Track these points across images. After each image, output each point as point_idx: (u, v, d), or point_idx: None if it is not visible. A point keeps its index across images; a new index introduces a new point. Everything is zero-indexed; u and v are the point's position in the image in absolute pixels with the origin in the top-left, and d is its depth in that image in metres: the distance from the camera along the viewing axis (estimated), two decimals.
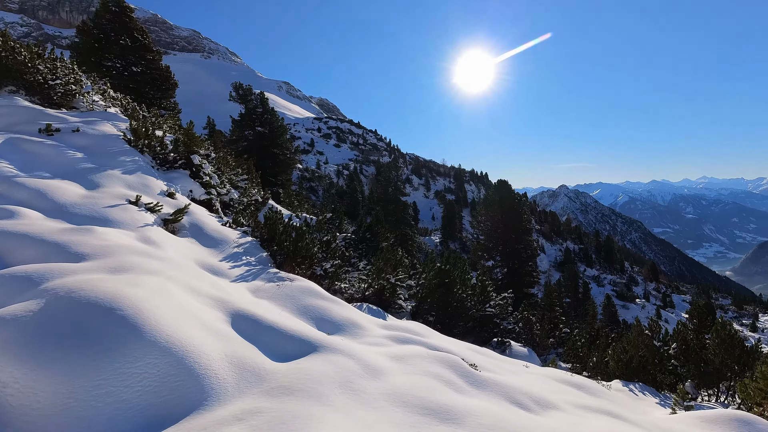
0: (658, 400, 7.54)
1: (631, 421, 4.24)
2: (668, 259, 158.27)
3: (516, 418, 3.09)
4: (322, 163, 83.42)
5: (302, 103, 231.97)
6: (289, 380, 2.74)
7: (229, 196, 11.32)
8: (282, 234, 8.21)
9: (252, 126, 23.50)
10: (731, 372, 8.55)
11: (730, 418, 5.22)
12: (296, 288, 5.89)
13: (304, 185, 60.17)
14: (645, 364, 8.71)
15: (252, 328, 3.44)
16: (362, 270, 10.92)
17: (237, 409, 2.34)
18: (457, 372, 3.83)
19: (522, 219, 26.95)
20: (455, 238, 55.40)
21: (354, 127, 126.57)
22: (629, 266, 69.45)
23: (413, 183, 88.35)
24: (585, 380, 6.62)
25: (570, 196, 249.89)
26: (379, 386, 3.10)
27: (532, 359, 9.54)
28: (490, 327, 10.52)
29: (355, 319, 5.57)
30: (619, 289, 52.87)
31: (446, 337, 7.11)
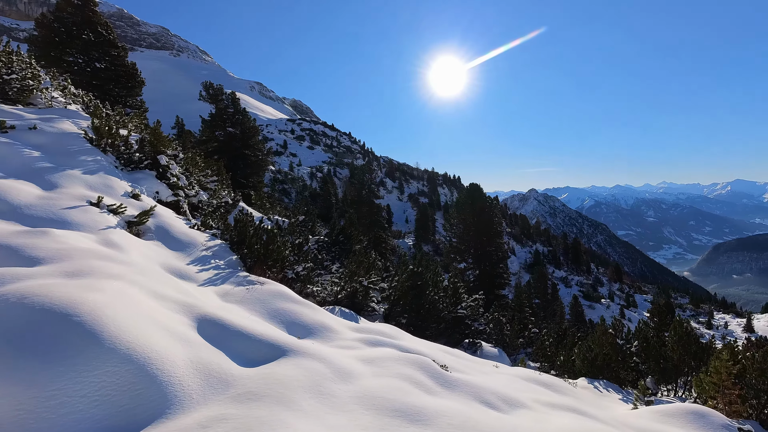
0: (621, 396, 7.82)
1: (594, 417, 4.38)
2: (631, 261, 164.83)
3: (485, 418, 3.14)
4: (295, 165, 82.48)
5: (275, 104, 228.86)
6: (257, 386, 2.69)
7: (197, 197, 11.02)
8: (253, 237, 8.06)
9: (223, 126, 22.99)
10: (688, 367, 8.98)
11: (687, 412, 5.48)
12: (267, 292, 5.79)
13: (277, 187, 59.33)
14: (609, 362, 9.03)
15: (219, 333, 3.35)
16: (335, 273, 10.85)
17: (202, 416, 2.28)
18: (428, 373, 3.85)
19: (493, 222, 27.46)
20: (428, 240, 55.88)
21: (328, 129, 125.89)
22: (595, 267, 71.90)
23: (387, 186, 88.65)
24: (552, 379, 6.80)
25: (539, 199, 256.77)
26: (349, 390, 3.08)
27: (503, 359, 9.72)
28: (462, 328, 10.65)
29: (327, 323, 5.52)
30: (586, 289, 54.64)
31: (418, 339, 7.15)
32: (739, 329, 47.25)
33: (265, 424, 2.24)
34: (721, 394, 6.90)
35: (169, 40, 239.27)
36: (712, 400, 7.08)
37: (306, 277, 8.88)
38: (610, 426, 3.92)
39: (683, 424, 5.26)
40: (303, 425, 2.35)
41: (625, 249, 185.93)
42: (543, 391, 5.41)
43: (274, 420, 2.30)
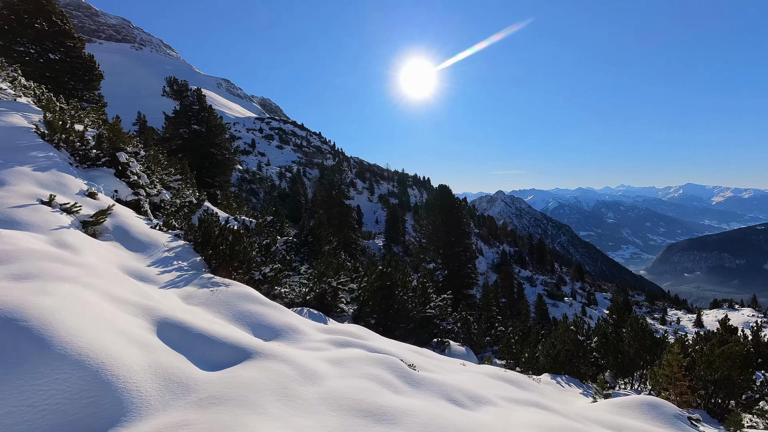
0: (582, 390, 8.12)
1: (556, 411, 4.52)
2: (592, 260, 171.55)
3: (451, 415, 3.18)
4: (263, 165, 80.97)
5: (243, 102, 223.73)
6: (220, 390, 2.62)
7: (160, 197, 10.63)
8: (218, 237, 7.84)
9: (187, 124, 22.29)
10: (643, 361, 9.44)
11: (641, 403, 5.76)
12: (232, 293, 5.65)
13: (244, 187, 58.06)
14: (571, 358, 9.37)
15: (180, 337, 3.24)
16: (304, 274, 10.72)
17: (160, 423, 2.19)
18: (395, 373, 3.87)
19: (462, 223, 27.91)
20: (398, 241, 56.15)
21: (297, 128, 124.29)
22: (559, 267, 74.41)
23: (357, 187, 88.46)
24: (517, 375, 6.97)
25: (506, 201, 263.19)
26: (316, 391, 3.05)
27: (470, 357, 9.89)
28: (431, 328, 10.76)
29: (295, 324, 5.45)
30: (550, 288, 56.46)
31: (387, 339, 7.17)
32: (690, 324, 50.08)
33: (228, 428, 2.18)
34: (673, 385, 7.29)
35: (131, 33, 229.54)
36: (665, 392, 7.47)
37: (273, 278, 8.73)
38: (570, 419, 4.06)
39: (638, 414, 5.52)
40: (268, 428, 2.31)
41: (586, 249, 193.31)
42: (508, 387, 5.54)
43: (237, 424, 2.25)
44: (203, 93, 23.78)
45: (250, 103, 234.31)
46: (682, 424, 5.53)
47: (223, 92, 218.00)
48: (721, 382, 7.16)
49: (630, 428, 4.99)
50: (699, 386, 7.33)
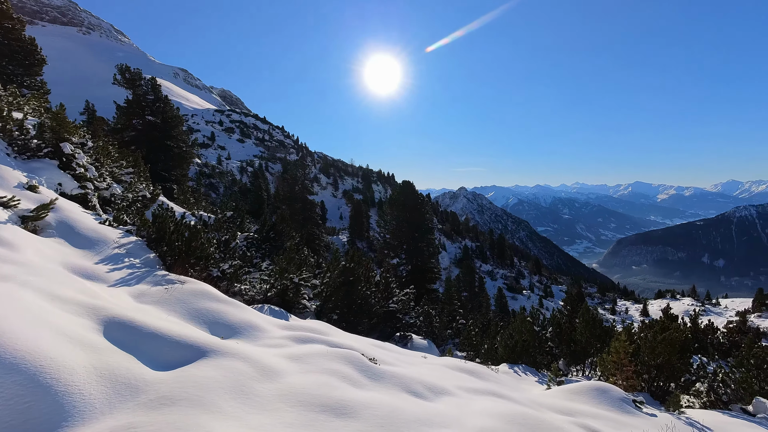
0: (537, 378, 8.47)
1: (512, 399, 4.69)
2: (549, 254, 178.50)
3: (410, 407, 3.23)
4: (223, 159, 78.42)
5: (202, 93, 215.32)
6: (172, 390, 2.52)
7: (110, 191, 10.08)
8: (173, 233, 7.54)
9: (141, 114, 21.22)
10: (594, 349, 9.95)
11: (591, 388, 6.08)
12: (188, 291, 5.46)
13: (203, 182, 56.03)
14: (527, 348, 9.73)
15: (130, 336, 3.10)
16: (265, 270, 10.52)
17: (105, 427, 2.09)
18: (356, 367, 3.87)
19: (425, 218, 28.26)
20: (363, 237, 56.14)
21: (259, 122, 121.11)
22: (518, 261, 76.96)
23: (321, 182, 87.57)
24: (477, 366, 7.17)
25: (468, 197, 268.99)
26: (274, 388, 3.00)
27: (432, 350, 10.07)
28: (394, 322, 10.86)
29: (254, 322, 5.34)
30: (510, 282, 58.36)
31: (350, 334, 7.17)
32: (637, 314, 53.24)
33: (180, 429, 2.11)
34: (620, 371, 7.73)
35: (78, 16, 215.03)
36: (613, 377, 7.91)
37: (233, 275, 8.50)
38: (524, 406, 4.23)
39: (587, 399, 5.82)
40: (222, 427, 2.25)
41: (544, 244, 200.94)
42: (467, 378, 5.68)
43: (189, 424, 2.18)
44: (158, 82, 22.70)
45: (210, 95, 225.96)
46: (628, 406, 5.89)
47: (180, 82, 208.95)
48: (662, 367, 7.67)
49: (580, 412, 5.26)
50: (643, 371, 7.82)
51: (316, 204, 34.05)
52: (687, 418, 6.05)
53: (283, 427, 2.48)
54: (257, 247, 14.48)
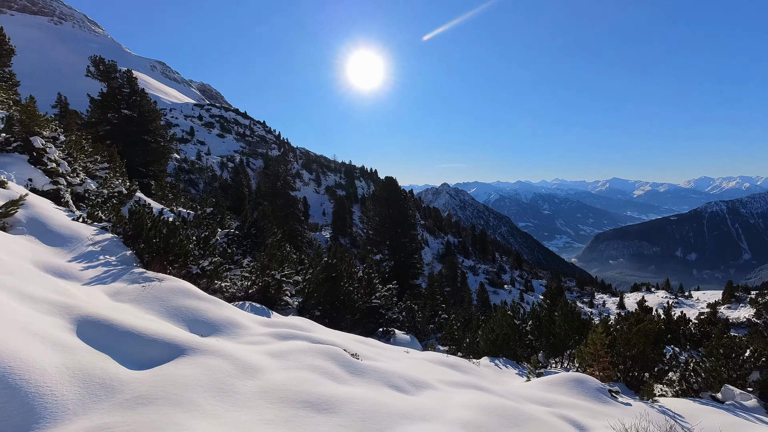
0: (518, 371, 8.62)
1: (492, 391, 4.76)
2: (529, 249, 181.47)
3: (392, 401, 3.25)
4: (203, 154, 76.94)
5: (181, 86, 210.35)
6: (149, 389, 2.47)
7: (84, 186, 9.79)
8: (151, 229, 7.38)
9: (117, 108, 20.61)
10: (572, 341, 10.18)
11: (568, 379, 6.23)
12: (166, 288, 5.36)
13: (182, 177, 54.93)
14: (508, 341, 9.89)
15: (105, 336, 3.02)
16: (246, 267, 10.40)
17: (78, 428, 2.03)
18: (338, 363, 3.87)
19: (407, 214, 28.34)
20: (346, 233, 56.00)
21: (240, 116, 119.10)
22: (499, 256, 77.99)
23: (304, 178, 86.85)
24: (458, 360, 7.25)
25: (451, 193, 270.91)
26: (255, 385, 2.98)
27: (414, 345, 10.13)
28: (376, 317, 10.88)
29: (235, 319, 5.28)
30: (491, 277, 59.10)
31: (332, 330, 7.16)
32: (614, 306, 54.61)
33: (157, 428, 2.07)
34: (597, 362, 7.93)
35: (49, 5, 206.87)
36: (590, 368, 8.11)
37: (213, 272, 8.38)
38: (504, 398, 4.30)
39: (566, 390, 5.96)
40: (200, 426, 2.22)
41: (524, 239, 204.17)
42: (449, 371, 5.75)
43: (167, 423, 2.14)
44: (134, 75, 22.08)
45: (189, 89, 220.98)
46: (604, 396, 6.06)
47: (158, 75, 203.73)
48: (637, 357, 7.89)
49: (559, 403, 5.38)
50: (619, 361, 8.04)
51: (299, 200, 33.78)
52: (660, 406, 6.25)
53: (264, 424, 2.46)
54: (238, 243, 14.29)
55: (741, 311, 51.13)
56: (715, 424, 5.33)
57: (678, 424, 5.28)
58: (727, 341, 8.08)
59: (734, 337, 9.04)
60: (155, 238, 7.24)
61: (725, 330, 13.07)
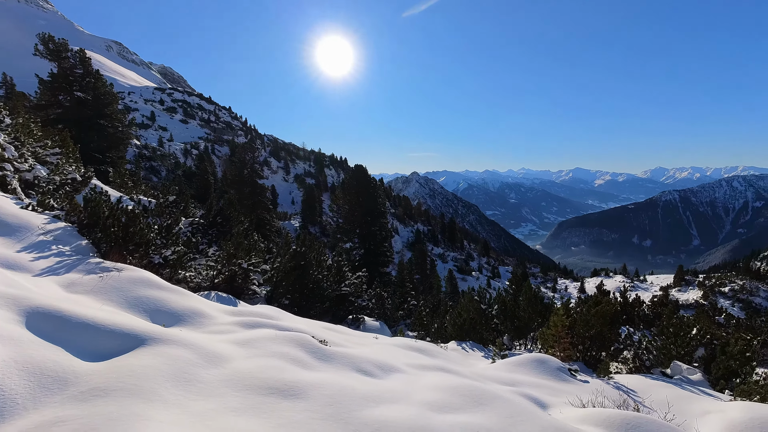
0: (484, 353, 8.88)
1: (458, 373, 4.89)
2: (497, 237, 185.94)
3: (360, 385, 3.28)
4: (165, 141, 73.85)
5: (140, 69, 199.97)
6: (106, 380, 2.38)
7: (33, 173, 9.22)
8: (108, 218, 7.05)
9: (69, 90, 19.41)
10: (536, 324, 10.59)
11: (531, 360, 6.48)
12: (126, 279, 5.15)
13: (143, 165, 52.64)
14: (474, 325, 10.16)
15: (58, 327, 2.88)
16: (212, 257, 10.14)
17: (29, 423, 1.94)
18: (306, 349, 3.86)
19: (377, 203, 28.36)
20: (315, 222, 55.50)
21: (204, 102, 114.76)
22: (468, 244, 79.57)
23: (272, 166, 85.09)
24: (426, 344, 7.39)
25: (421, 182, 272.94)
26: (219, 373, 2.93)
27: (384, 331, 10.24)
28: (346, 305, 10.90)
29: (200, 309, 5.16)
30: (460, 264, 60.31)
31: (301, 318, 7.12)
32: (575, 291, 57.02)
33: (115, 420, 2.01)
34: (558, 343, 8.29)
35: None
36: (552, 349, 8.47)
37: (176, 261, 8.12)
38: (469, 379, 4.43)
39: (528, 370, 6.20)
40: (162, 415, 2.17)
41: (492, 227, 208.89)
42: (417, 356, 5.85)
43: (126, 415, 2.08)
44: (88, 55, 20.81)
45: (149, 71, 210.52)
46: (564, 374, 6.35)
47: (114, 56, 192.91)
48: (595, 337, 8.30)
49: (522, 382, 5.59)
50: (578, 342, 8.43)
51: (267, 188, 33.08)
52: (615, 382, 6.61)
53: (229, 412, 2.43)
54: (203, 232, 13.91)
55: (690, 293, 54.55)
56: (663, 397, 5.70)
57: (631, 398, 5.60)
58: (676, 321, 8.61)
59: (683, 317, 9.65)
60: (113, 227, 6.94)
61: (675, 311, 13.91)
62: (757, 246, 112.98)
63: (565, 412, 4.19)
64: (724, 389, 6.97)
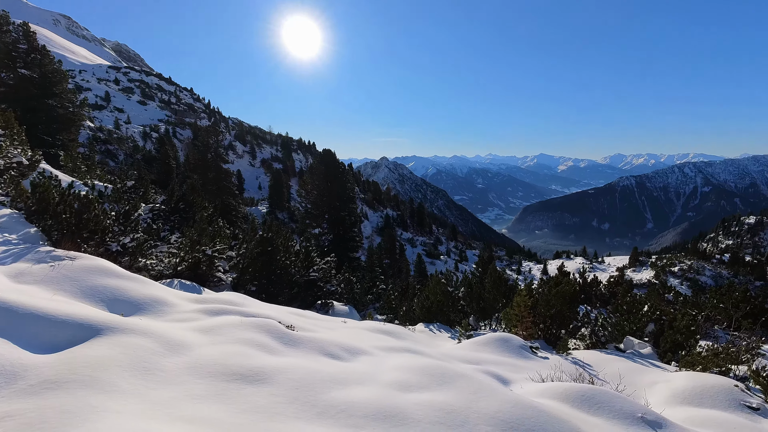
0: (450, 334, 9.12)
1: (425, 354, 5.00)
2: (464, 222, 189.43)
3: (326, 368, 3.30)
4: (122, 123, 70.12)
5: (91, 46, 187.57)
6: (58, 372, 2.28)
7: None
8: (59, 204, 6.68)
9: (12, 67, 18.00)
10: (500, 304, 10.94)
11: (495, 339, 6.71)
12: (80, 267, 4.92)
13: (98, 148, 49.90)
14: (442, 307, 10.39)
15: (3, 320, 2.72)
16: (174, 244, 9.82)
17: None
18: (272, 335, 3.83)
19: (346, 188, 28.20)
20: (283, 207, 54.64)
21: (164, 82, 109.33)
22: (436, 229, 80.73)
23: (237, 150, 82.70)
24: (394, 327, 7.50)
25: (390, 167, 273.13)
26: (181, 361, 2.87)
27: (352, 315, 10.31)
28: (315, 291, 10.87)
29: (162, 297, 5.01)
30: (428, 248, 61.21)
31: (268, 304, 7.05)
32: (538, 273, 59.22)
33: (68, 413, 1.93)
34: (521, 322, 8.61)
35: None
36: (515, 328, 8.80)
37: (136, 249, 7.83)
38: (436, 359, 4.54)
39: (492, 349, 6.43)
40: (119, 406, 2.11)
41: (459, 212, 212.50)
42: (385, 338, 5.93)
43: (80, 407, 2.00)
44: (33, 29, 19.31)
45: (101, 48, 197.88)
46: (526, 352, 6.62)
47: (63, 31, 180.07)
48: (555, 316, 8.68)
49: (485, 361, 5.79)
50: (540, 321, 8.79)
51: (232, 173, 32.15)
52: (573, 358, 6.97)
53: (192, 399, 2.39)
54: (165, 219, 13.43)
55: (643, 273, 57.78)
56: (616, 370, 6.06)
57: (586, 372, 5.92)
58: (630, 300, 9.11)
59: (636, 296, 10.23)
60: (65, 214, 6.58)
61: (629, 290, 14.72)
62: (704, 228, 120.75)
63: (525, 387, 4.38)
64: (670, 361, 7.47)
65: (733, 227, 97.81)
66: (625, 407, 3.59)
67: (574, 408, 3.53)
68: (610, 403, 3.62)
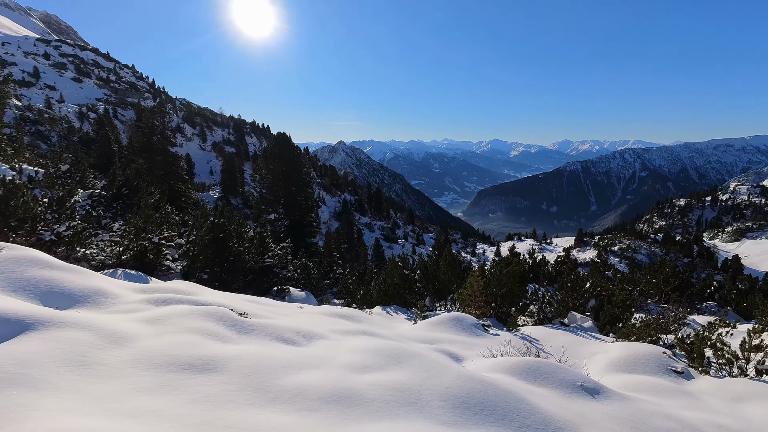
0: (407, 316, 9.31)
1: (381, 335, 5.08)
2: (421, 206, 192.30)
3: (281, 354, 3.26)
4: (54, 102, 64.43)
5: (15, 15, 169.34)
6: None
7: None
8: None
9: None
10: (455, 285, 11.28)
11: (449, 319, 6.92)
12: (7, 259, 4.52)
13: (27, 129, 45.69)
14: (398, 290, 10.57)
15: None
16: (117, 232, 9.27)
17: None
18: (223, 323, 3.73)
19: (302, 172, 27.66)
20: (237, 193, 52.89)
21: (102, 58, 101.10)
22: (394, 213, 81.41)
23: (186, 133, 78.65)
24: (351, 311, 7.54)
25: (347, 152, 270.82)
26: (124, 354, 2.73)
27: (310, 300, 10.25)
28: (270, 277, 10.69)
29: (102, 288, 4.72)
30: (386, 232, 61.71)
31: (220, 292, 6.85)
32: (492, 254, 61.46)
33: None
34: (474, 301, 8.94)
35: None
36: (468, 308, 9.12)
37: (73, 237, 7.31)
38: (392, 340, 4.62)
39: (447, 328, 6.63)
40: (54, 404, 1.98)
41: (417, 196, 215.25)
42: (341, 322, 5.95)
43: (8, 406, 1.86)
44: None
45: (28, 19, 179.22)
46: (478, 330, 6.89)
47: None
48: (506, 295, 9.08)
49: (440, 340, 5.97)
50: (492, 300, 9.17)
51: (181, 157, 30.49)
52: (522, 334, 7.34)
53: (135, 392, 2.29)
54: (106, 205, 12.62)
55: (587, 253, 61.47)
56: (560, 343, 6.45)
57: (533, 346, 6.26)
58: (574, 277, 9.68)
59: (579, 274, 10.87)
60: None
61: (574, 268, 15.63)
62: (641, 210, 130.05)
63: (477, 363, 4.56)
64: (609, 333, 8.06)
65: (666, 209, 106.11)
66: (567, 377, 3.83)
67: (521, 380, 3.73)
68: (554, 374, 3.85)
